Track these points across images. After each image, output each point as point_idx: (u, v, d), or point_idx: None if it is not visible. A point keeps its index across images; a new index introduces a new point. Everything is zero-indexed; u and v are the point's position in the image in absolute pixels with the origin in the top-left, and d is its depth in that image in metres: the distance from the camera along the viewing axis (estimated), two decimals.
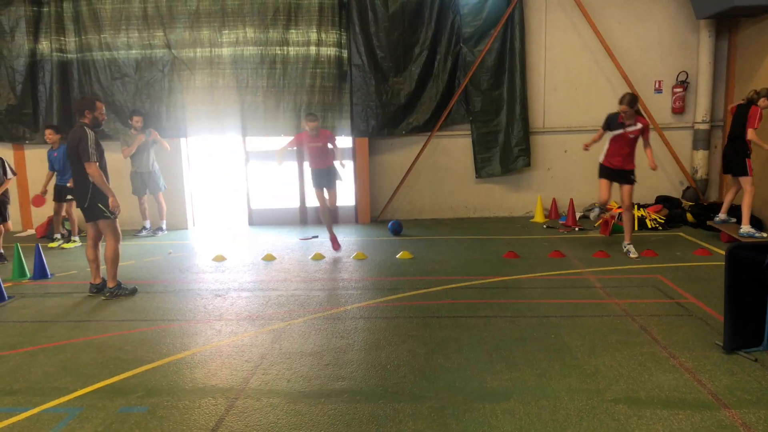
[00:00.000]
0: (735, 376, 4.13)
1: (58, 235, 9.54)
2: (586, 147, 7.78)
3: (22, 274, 7.37)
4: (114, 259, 6.46)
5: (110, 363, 4.69)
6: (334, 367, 4.47)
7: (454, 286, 6.52)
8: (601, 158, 7.71)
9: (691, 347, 4.64)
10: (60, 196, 9.28)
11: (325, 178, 8.11)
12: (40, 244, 7.83)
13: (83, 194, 6.24)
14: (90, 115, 6.26)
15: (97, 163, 6.17)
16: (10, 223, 8.74)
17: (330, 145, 8.06)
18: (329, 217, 8.36)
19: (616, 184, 7.76)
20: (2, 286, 6.50)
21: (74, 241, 9.40)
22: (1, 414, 3.89)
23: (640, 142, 7.56)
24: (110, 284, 6.47)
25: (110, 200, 6.26)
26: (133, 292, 6.57)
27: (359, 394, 4.03)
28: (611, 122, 7.54)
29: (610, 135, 7.59)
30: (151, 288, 6.84)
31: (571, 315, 5.49)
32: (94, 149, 6.14)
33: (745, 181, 8.27)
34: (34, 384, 4.36)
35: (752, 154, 8.32)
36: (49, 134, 9.09)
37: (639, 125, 7.37)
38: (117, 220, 6.45)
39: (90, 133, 6.17)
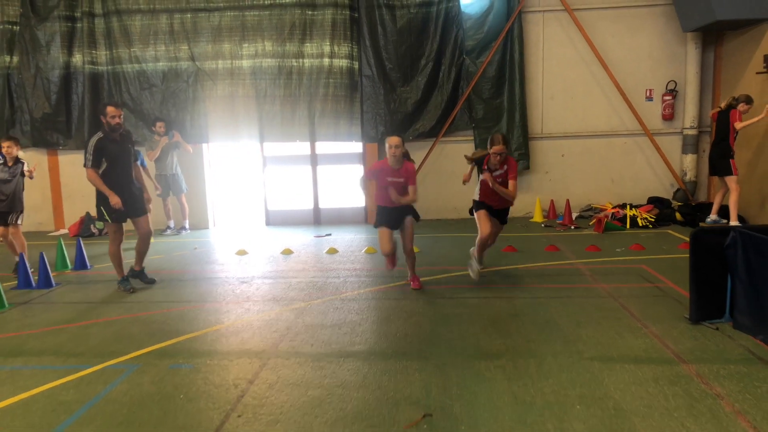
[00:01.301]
0: (697, 341, 4.79)
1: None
2: (464, 182, 6.74)
3: (64, 265, 8.10)
4: (112, 258, 6.80)
5: (156, 333, 5.40)
6: (350, 336, 5.16)
7: (455, 274, 7.21)
8: (476, 196, 6.72)
9: (662, 320, 5.31)
10: None
11: (397, 216, 6.49)
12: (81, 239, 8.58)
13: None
14: (104, 120, 6.44)
15: (96, 169, 6.35)
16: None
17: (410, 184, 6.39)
18: (406, 259, 6.76)
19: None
20: (50, 273, 7.23)
21: None
22: (71, 369, 4.60)
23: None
24: (118, 276, 6.94)
25: (111, 199, 6.38)
26: (130, 290, 6.80)
27: (373, 355, 4.72)
28: (478, 167, 6.61)
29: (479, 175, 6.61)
30: (183, 277, 7.56)
31: (561, 296, 6.17)
32: (91, 154, 6.31)
33: (731, 180, 8.94)
34: (94, 348, 5.07)
35: (736, 155, 9.02)
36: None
37: (505, 167, 6.42)
38: (122, 225, 6.67)
39: (94, 138, 6.38)
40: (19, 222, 7.95)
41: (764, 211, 9.32)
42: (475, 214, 6.69)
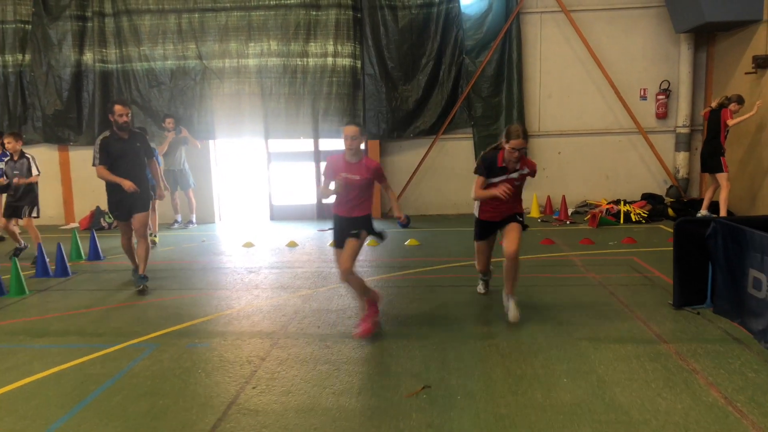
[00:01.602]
0: (678, 323, 5.13)
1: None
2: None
3: (79, 256, 8.44)
4: (123, 249, 6.96)
5: (172, 317, 5.74)
6: (354, 319, 5.49)
7: (454, 264, 7.55)
8: (476, 212, 5.59)
9: (647, 305, 5.65)
10: None
11: (346, 230, 5.05)
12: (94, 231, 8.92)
13: None
14: (112, 119, 6.43)
15: (103, 167, 6.38)
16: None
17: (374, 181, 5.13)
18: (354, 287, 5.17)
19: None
20: (67, 263, 7.57)
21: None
22: (95, 348, 4.94)
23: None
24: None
25: (123, 184, 6.29)
26: (140, 288, 6.66)
27: (375, 336, 5.06)
28: (491, 167, 5.26)
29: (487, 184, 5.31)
30: (193, 267, 7.90)
31: (554, 285, 6.51)
32: (98, 153, 6.38)
33: (722, 177, 9.27)
34: (115, 330, 5.42)
35: (727, 153, 9.34)
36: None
37: (526, 169, 5.33)
38: (127, 221, 6.63)
39: (99, 138, 6.47)
40: (34, 215, 8.31)
41: (755, 207, 9.65)
42: (475, 244, 5.76)
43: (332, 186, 5.06)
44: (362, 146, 5.17)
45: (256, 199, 12.19)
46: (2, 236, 10.04)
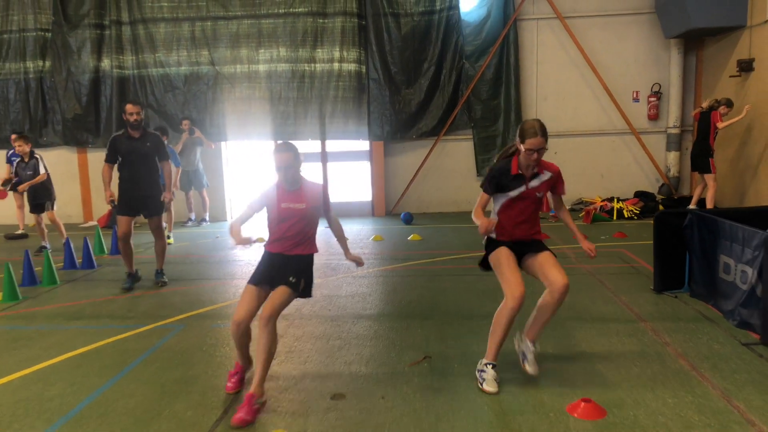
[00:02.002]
0: (657, 306, 5.64)
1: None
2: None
3: (102, 250, 8.98)
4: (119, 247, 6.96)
5: (194, 302, 6.27)
6: (362, 303, 6.02)
7: (454, 257, 8.07)
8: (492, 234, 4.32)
9: (631, 291, 6.15)
10: None
11: (279, 271, 4.09)
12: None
13: None
14: (124, 118, 6.68)
15: (110, 164, 6.71)
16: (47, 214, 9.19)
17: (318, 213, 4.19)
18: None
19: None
20: (93, 256, 8.12)
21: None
22: (128, 328, 5.47)
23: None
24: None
25: (105, 193, 6.68)
26: (126, 288, 6.80)
27: (382, 316, 5.58)
28: (501, 179, 4.13)
29: (501, 200, 4.21)
30: (209, 260, 8.44)
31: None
32: (107, 150, 6.74)
33: (709, 178, 9.76)
34: (143, 313, 5.95)
35: (717, 154, 9.83)
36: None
37: (547, 174, 4.16)
38: (127, 218, 6.72)
39: (112, 137, 6.76)
40: (54, 208, 9.03)
41: (744, 204, 10.13)
42: (491, 262, 4.37)
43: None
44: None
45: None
46: (26, 233, 10.61)
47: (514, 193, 4.15)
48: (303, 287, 4.08)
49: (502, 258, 4.22)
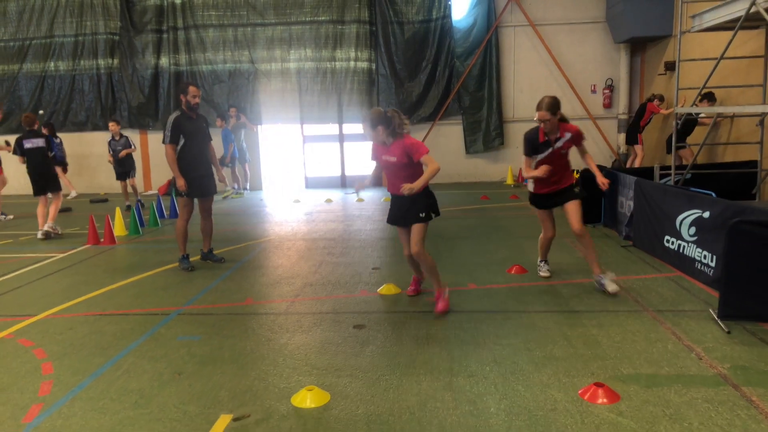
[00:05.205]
0: (631, 266, 8.50)
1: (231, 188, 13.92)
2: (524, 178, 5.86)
3: (161, 215, 11.62)
4: (177, 233, 6.94)
5: (266, 231, 9.09)
6: (372, 257, 8.85)
7: (448, 213, 10.90)
8: (530, 187, 5.83)
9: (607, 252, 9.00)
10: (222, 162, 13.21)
11: (401, 210, 5.27)
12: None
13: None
14: (183, 99, 6.56)
15: (174, 145, 6.46)
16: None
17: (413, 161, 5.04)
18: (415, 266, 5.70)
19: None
20: (157, 218, 10.83)
21: (240, 194, 13.69)
22: (223, 245, 8.31)
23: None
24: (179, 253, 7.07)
25: (178, 181, 6.58)
26: (189, 269, 6.88)
27: (389, 278, 8.39)
28: (533, 144, 5.49)
29: (534, 161, 5.56)
30: (262, 212, 11.26)
31: (528, 236, 9.84)
32: (169, 131, 6.44)
33: (638, 148, 12.59)
34: (225, 238, 8.78)
35: (646, 135, 12.65)
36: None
37: (568, 134, 5.36)
38: (192, 200, 6.77)
39: (172, 116, 6.51)
40: (135, 176, 11.90)
41: None
42: (533, 210, 5.99)
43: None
44: (406, 129, 5.13)
45: (293, 171, 15.54)
46: (106, 197, 13.43)
47: (543, 155, 5.43)
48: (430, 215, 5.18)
49: (540, 215, 6.05)
